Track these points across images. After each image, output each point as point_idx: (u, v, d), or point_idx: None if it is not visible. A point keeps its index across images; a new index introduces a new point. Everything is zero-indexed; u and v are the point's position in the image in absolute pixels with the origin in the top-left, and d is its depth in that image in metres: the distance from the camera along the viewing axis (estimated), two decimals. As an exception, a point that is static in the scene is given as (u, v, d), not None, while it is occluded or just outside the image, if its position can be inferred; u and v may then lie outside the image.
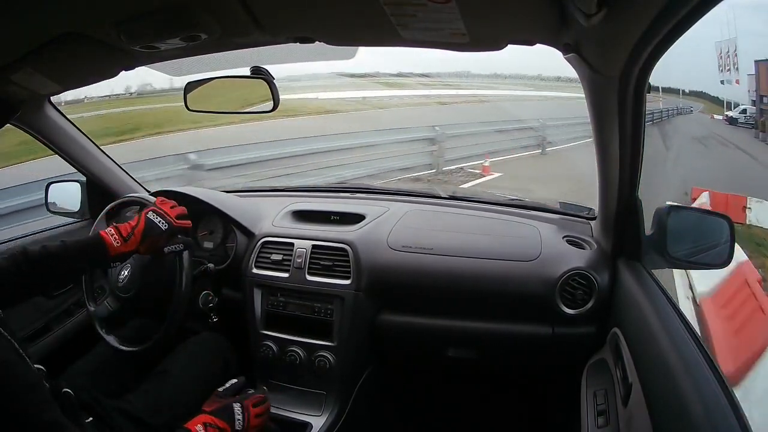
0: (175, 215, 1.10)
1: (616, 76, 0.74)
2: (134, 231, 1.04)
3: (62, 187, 1.56)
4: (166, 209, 1.10)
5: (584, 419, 0.95)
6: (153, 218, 1.06)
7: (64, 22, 0.76)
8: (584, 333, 1.17)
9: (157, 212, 1.08)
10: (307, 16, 0.79)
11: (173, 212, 1.10)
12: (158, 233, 1.06)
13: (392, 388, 1.55)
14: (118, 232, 1.03)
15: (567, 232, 1.31)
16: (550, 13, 0.68)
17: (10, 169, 4.56)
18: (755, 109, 11.52)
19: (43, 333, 1.35)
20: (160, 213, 1.08)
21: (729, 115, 12.88)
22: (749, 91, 12.05)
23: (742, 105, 12.45)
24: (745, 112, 12.12)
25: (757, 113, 11.27)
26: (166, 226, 1.07)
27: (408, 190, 1.68)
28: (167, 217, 1.08)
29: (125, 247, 1.03)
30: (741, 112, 12.37)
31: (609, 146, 0.94)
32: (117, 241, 1.02)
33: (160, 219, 1.07)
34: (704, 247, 1.07)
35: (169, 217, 1.08)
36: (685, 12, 0.54)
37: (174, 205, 1.12)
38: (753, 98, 11.73)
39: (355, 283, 1.27)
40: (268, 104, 1.05)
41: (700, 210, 1.10)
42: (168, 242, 1.09)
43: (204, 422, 0.92)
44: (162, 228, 1.06)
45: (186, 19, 0.75)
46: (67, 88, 1.11)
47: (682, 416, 0.65)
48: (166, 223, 1.07)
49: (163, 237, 1.07)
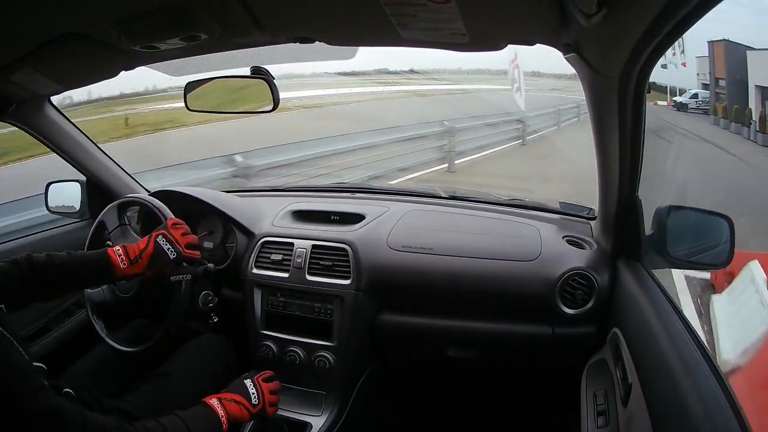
0: (185, 243, 1.07)
1: (616, 76, 0.74)
2: (142, 254, 1.02)
3: (62, 187, 1.56)
4: (176, 235, 1.07)
5: (584, 419, 0.95)
6: (162, 244, 1.04)
7: (64, 22, 0.76)
8: (584, 333, 1.17)
9: (168, 238, 1.05)
10: (307, 16, 0.79)
11: (183, 240, 1.07)
12: (166, 261, 1.04)
13: (392, 388, 1.55)
14: (126, 253, 1.02)
15: (567, 232, 1.31)
16: (550, 13, 0.68)
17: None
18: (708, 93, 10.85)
19: (43, 333, 1.35)
20: (170, 239, 1.05)
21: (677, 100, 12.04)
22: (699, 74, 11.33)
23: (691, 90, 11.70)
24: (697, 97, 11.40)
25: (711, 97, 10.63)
26: (175, 255, 1.04)
27: (408, 190, 1.68)
28: (177, 245, 1.05)
29: (131, 270, 1.01)
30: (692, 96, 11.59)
31: (609, 146, 0.94)
32: (124, 262, 1.01)
33: (170, 246, 1.04)
34: (704, 247, 1.07)
35: (179, 246, 1.06)
36: (685, 12, 0.54)
37: (186, 232, 1.09)
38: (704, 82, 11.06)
39: (355, 283, 1.27)
40: (268, 104, 1.05)
41: (700, 210, 1.10)
42: (175, 270, 1.07)
43: (219, 397, 0.92)
44: (170, 256, 1.04)
45: (186, 19, 0.75)
46: (67, 88, 1.11)
47: (682, 416, 0.64)
48: (175, 252, 1.04)
49: (170, 265, 1.05)
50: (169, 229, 1.07)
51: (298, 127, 7.88)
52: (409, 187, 1.74)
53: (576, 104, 11.90)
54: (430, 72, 15.18)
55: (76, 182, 1.53)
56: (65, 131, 1.33)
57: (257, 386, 1.00)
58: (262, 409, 0.99)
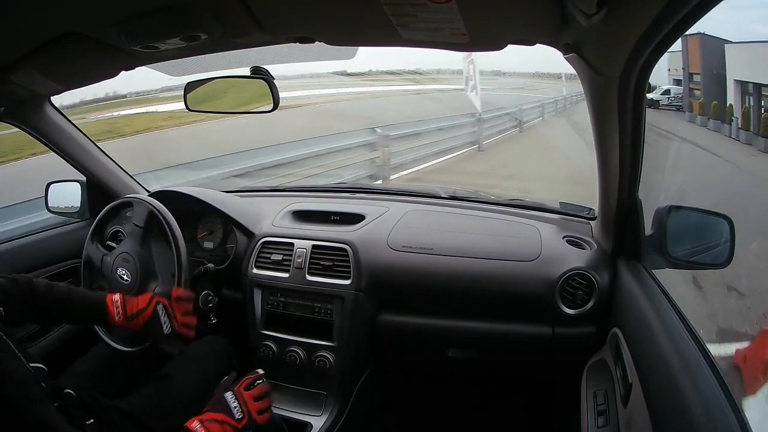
0: (182, 323, 1.07)
1: (616, 76, 0.74)
2: (139, 316, 1.02)
3: (62, 187, 1.56)
4: (177, 312, 1.06)
5: (584, 419, 0.95)
6: (160, 314, 1.03)
7: (64, 22, 0.76)
8: (584, 333, 1.17)
9: (168, 310, 1.05)
10: (308, 16, 0.79)
11: (182, 319, 1.07)
12: (158, 332, 1.03)
13: (392, 388, 1.55)
14: (124, 307, 1.02)
15: (567, 232, 1.31)
16: (551, 13, 0.68)
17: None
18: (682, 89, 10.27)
19: (43, 333, 1.35)
20: (169, 313, 1.05)
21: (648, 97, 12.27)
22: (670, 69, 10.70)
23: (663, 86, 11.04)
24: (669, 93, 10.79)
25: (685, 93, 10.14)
26: (169, 331, 1.04)
27: (408, 190, 1.68)
28: (174, 321, 1.05)
29: (125, 325, 1.02)
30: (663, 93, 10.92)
31: (609, 146, 0.94)
32: (120, 315, 1.01)
33: (167, 320, 1.04)
34: (704, 247, 1.07)
35: (176, 322, 1.05)
36: (685, 12, 0.54)
37: (187, 311, 1.08)
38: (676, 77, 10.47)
39: (355, 283, 1.27)
40: (269, 104, 1.05)
41: (700, 210, 1.10)
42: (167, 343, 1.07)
43: (200, 419, 0.90)
44: (164, 330, 1.04)
45: (186, 19, 0.75)
46: (68, 88, 1.11)
47: (682, 416, 0.64)
48: (170, 328, 1.04)
49: (161, 337, 1.05)
50: (172, 302, 1.07)
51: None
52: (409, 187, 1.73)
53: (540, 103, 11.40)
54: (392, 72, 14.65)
55: (76, 182, 1.53)
56: (65, 131, 1.33)
57: (239, 398, 0.97)
58: (249, 421, 0.96)
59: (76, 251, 1.37)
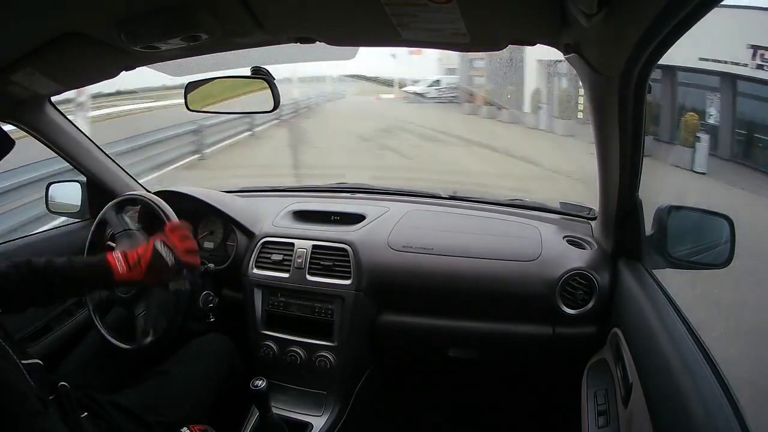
0: (183, 249, 1.05)
1: (616, 76, 0.74)
2: (140, 260, 1.01)
3: (62, 187, 1.57)
4: (175, 241, 1.05)
5: (584, 419, 0.95)
6: (160, 249, 1.02)
7: (64, 22, 0.76)
8: (585, 333, 1.17)
9: (166, 243, 1.04)
10: (308, 16, 0.79)
11: (182, 245, 1.05)
12: (164, 267, 1.02)
13: (393, 388, 1.55)
14: (125, 258, 1.01)
15: (567, 232, 1.31)
16: (551, 13, 0.68)
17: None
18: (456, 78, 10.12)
19: (43, 333, 1.35)
20: (169, 245, 1.04)
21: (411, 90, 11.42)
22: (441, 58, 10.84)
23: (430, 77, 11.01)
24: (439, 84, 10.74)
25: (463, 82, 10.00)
26: (173, 261, 1.03)
27: (408, 190, 1.68)
28: (175, 250, 1.04)
29: (130, 275, 1.00)
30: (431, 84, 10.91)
31: (609, 146, 0.94)
32: (123, 267, 1.00)
33: (168, 251, 1.03)
34: (705, 247, 1.07)
35: (177, 252, 1.04)
36: (685, 12, 0.54)
37: (184, 236, 1.07)
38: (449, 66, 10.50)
39: (355, 284, 1.27)
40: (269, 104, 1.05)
41: (700, 210, 1.10)
42: (174, 277, 1.06)
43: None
44: (168, 262, 1.02)
45: (186, 19, 0.75)
46: (68, 88, 1.11)
47: (683, 416, 0.64)
48: (173, 257, 1.03)
49: (168, 271, 1.03)
50: (168, 234, 1.06)
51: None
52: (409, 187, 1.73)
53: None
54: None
55: (76, 182, 1.53)
56: (65, 131, 1.33)
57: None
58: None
59: (76, 251, 1.36)
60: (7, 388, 0.71)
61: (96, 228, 1.30)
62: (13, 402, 0.71)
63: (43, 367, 0.86)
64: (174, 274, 1.05)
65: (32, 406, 0.73)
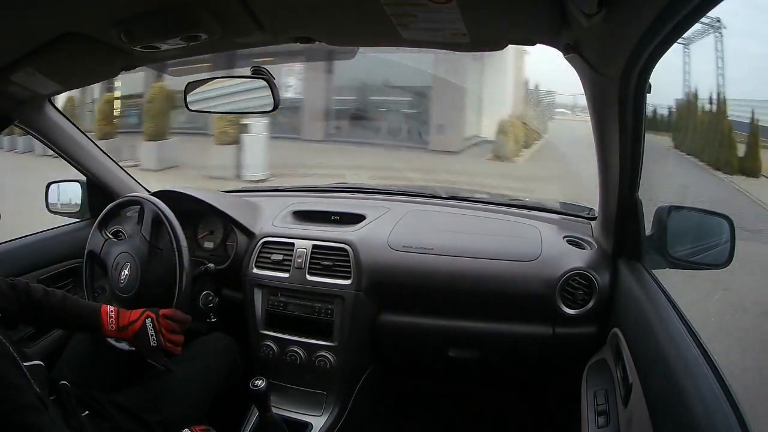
0: (168, 340, 1.08)
1: (616, 76, 0.74)
2: (129, 327, 1.05)
3: (62, 187, 1.56)
4: (164, 328, 1.08)
5: (584, 419, 0.95)
6: (148, 328, 1.06)
7: (64, 22, 0.76)
8: (585, 333, 1.17)
9: (155, 325, 1.07)
10: (308, 16, 0.79)
11: (168, 336, 1.08)
12: (146, 345, 1.05)
13: (392, 388, 1.55)
14: (117, 318, 1.04)
15: (567, 232, 1.31)
16: (551, 14, 0.68)
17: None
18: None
19: (43, 333, 1.35)
20: (156, 328, 1.07)
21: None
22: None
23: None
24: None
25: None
26: (155, 344, 1.06)
27: (408, 190, 1.68)
28: (160, 336, 1.07)
29: (117, 335, 1.05)
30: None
31: (609, 146, 0.94)
32: (112, 326, 1.04)
33: (153, 334, 1.06)
34: (705, 247, 1.07)
35: (162, 337, 1.07)
36: (686, 12, 0.54)
37: (172, 329, 1.09)
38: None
39: (355, 283, 1.27)
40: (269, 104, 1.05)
41: (700, 210, 1.10)
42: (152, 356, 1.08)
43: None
44: (150, 344, 1.05)
45: (186, 19, 0.75)
46: (68, 88, 1.11)
47: (683, 416, 0.64)
48: (156, 341, 1.06)
49: (149, 350, 1.06)
50: (160, 317, 1.08)
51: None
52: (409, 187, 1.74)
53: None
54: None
55: (76, 182, 1.53)
56: (65, 131, 1.33)
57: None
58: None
59: (76, 251, 1.37)
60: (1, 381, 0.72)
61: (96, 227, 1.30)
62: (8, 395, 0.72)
63: (44, 368, 0.86)
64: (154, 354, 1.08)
65: (27, 400, 0.74)
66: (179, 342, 1.11)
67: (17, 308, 0.96)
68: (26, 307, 0.97)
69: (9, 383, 0.73)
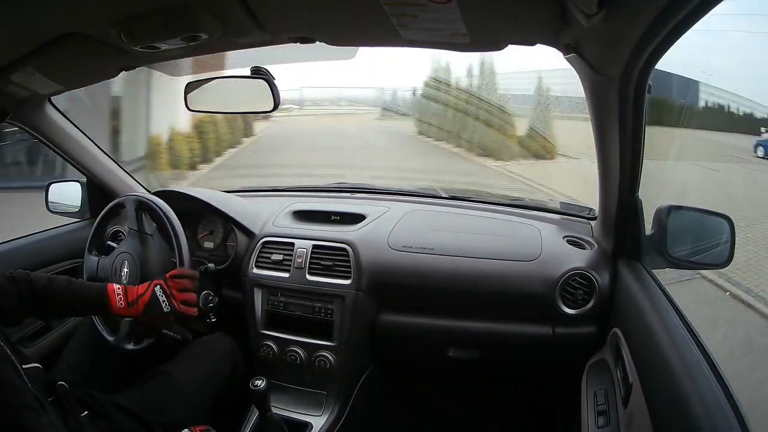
0: (181, 300, 1.05)
1: (616, 76, 0.74)
2: (139, 300, 1.02)
3: (63, 186, 1.57)
4: (174, 290, 1.05)
5: (584, 419, 0.95)
6: (159, 295, 1.03)
7: (64, 22, 0.76)
8: (585, 333, 1.17)
9: (165, 290, 1.04)
10: (308, 16, 0.79)
11: (180, 296, 1.06)
12: (159, 313, 1.02)
13: (392, 388, 1.55)
14: (125, 294, 1.01)
15: (567, 232, 1.31)
16: (551, 14, 0.68)
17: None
18: None
19: (43, 333, 1.35)
20: (167, 292, 1.04)
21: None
22: None
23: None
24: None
25: None
26: (168, 309, 1.03)
27: (409, 190, 1.68)
28: (172, 300, 1.04)
29: (127, 312, 1.01)
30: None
31: (609, 146, 0.94)
32: (121, 302, 1.01)
33: (165, 300, 1.03)
34: (705, 247, 1.07)
35: (174, 301, 1.04)
36: (686, 12, 0.54)
37: (183, 287, 1.06)
38: None
39: (355, 283, 1.27)
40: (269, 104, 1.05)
41: (700, 210, 1.10)
42: (168, 325, 1.06)
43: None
44: (164, 309, 1.03)
45: (186, 19, 0.75)
46: (68, 88, 1.11)
47: (683, 416, 0.64)
48: (170, 306, 1.03)
49: (163, 318, 1.04)
50: (168, 280, 1.06)
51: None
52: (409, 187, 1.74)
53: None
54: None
55: (76, 182, 1.53)
56: (65, 131, 1.33)
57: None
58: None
59: (76, 251, 1.37)
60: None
61: (96, 227, 1.30)
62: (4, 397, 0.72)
63: (42, 370, 0.86)
64: (167, 323, 1.06)
65: (24, 402, 0.73)
66: (192, 301, 1.08)
67: (18, 303, 0.92)
68: (29, 298, 0.93)
69: (6, 384, 0.73)
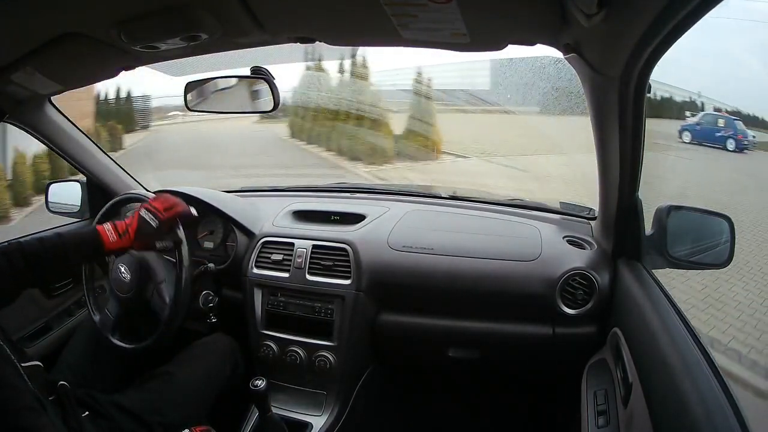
0: (163, 208, 1.12)
1: (616, 76, 0.74)
2: (128, 229, 1.07)
3: (63, 186, 1.57)
4: (157, 205, 1.12)
5: (584, 419, 0.95)
6: (145, 215, 1.09)
7: (64, 22, 0.76)
8: (584, 333, 1.17)
9: (148, 209, 1.10)
10: (308, 16, 0.79)
11: (161, 205, 1.12)
12: (149, 231, 1.09)
13: (392, 388, 1.55)
14: (114, 228, 1.06)
15: (567, 232, 1.31)
16: (551, 13, 0.68)
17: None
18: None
19: (43, 333, 1.35)
20: (150, 210, 1.10)
21: None
22: None
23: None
24: None
25: None
26: (156, 222, 1.09)
27: (408, 190, 1.68)
28: (157, 213, 1.10)
29: (120, 243, 1.06)
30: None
31: (609, 146, 0.94)
32: (113, 236, 1.05)
33: (151, 216, 1.09)
34: (704, 247, 1.07)
35: (159, 212, 1.10)
36: (686, 12, 0.54)
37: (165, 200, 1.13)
38: None
39: (355, 283, 1.27)
40: (269, 104, 1.05)
41: (700, 210, 1.10)
42: (160, 238, 1.12)
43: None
44: (153, 225, 1.09)
45: (186, 19, 0.75)
46: (68, 88, 1.11)
47: (682, 416, 0.64)
48: (156, 219, 1.09)
49: (154, 234, 1.10)
50: (150, 202, 1.13)
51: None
52: (409, 187, 1.74)
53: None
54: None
55: (76, 182, 1.54)
56: (65, 131, 1.33)
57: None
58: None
59: None
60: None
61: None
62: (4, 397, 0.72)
63: (43, 368, 0.86)
64: (160, 235, 1.12)
65: (24, 401, 0.73)
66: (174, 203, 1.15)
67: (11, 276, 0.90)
68: (22, 268, 0.91)
69: (6, 384, 0.72)
